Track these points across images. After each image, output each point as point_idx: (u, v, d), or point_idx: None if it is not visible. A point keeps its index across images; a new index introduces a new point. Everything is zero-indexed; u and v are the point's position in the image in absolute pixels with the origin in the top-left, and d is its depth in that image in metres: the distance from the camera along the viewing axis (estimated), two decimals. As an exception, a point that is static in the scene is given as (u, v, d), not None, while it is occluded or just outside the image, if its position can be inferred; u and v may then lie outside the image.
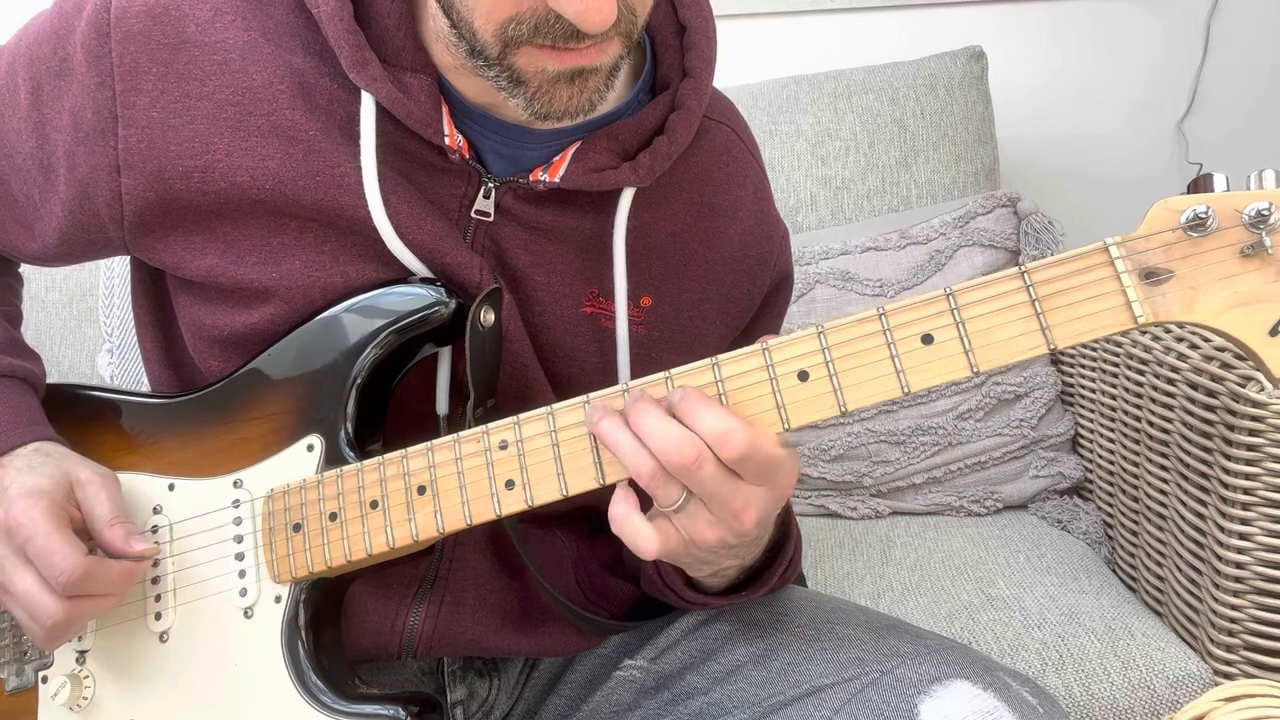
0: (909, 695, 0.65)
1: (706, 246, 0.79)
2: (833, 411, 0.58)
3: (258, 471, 0.71)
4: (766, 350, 0.59)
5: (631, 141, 0.73)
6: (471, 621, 0.77)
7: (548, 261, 0.74)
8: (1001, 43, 1.73)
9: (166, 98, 0.69)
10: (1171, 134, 1.88)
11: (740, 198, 0.81)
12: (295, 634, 0.68)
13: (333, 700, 0.66)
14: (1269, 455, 0.94)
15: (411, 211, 0.69)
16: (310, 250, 0.70)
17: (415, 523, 0.66)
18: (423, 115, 0.69)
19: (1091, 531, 1.29)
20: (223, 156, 0.69)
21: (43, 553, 0.65)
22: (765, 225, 0.83)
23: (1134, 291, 0.55)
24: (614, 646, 0.83)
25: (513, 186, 0.72)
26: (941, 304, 0.57)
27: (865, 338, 0.58)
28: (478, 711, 0.82)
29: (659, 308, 0.77)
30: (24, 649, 0.75)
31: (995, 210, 1.43)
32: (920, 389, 0.58)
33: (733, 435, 0.57)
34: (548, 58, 0.62)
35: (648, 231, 0.76)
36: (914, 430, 1.35)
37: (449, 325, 0.69)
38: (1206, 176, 0.57)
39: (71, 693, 0.71)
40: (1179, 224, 0.55)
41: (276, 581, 0.69)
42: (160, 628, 0.71)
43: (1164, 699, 0.98)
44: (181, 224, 0.71)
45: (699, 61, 0.75)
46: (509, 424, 0.64)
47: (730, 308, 0.81)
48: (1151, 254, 0.55)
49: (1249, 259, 0.54)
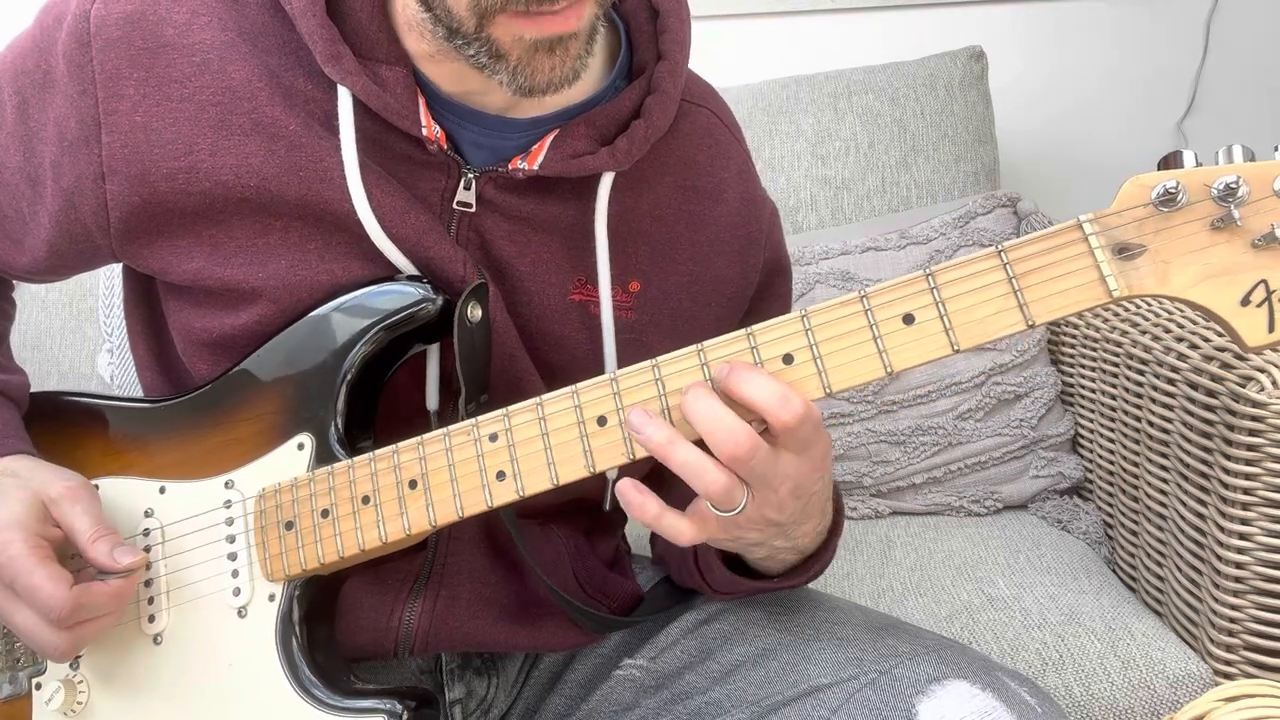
0: (907, 695, 0.65)
1: (692, 229, 0.79)
2: (817, 393, 0.59)
3: (249, 471, 0.71)
4: (750, 335, 0.60)
5: (609, 127, 0.73)
6: (467, 616, 0.77)
7: (533, 251, 0.74)
8: (1001, 43, 1.73)
9: (148, 102, 0.69)
10: (1171, 134, 1.88)
11: (724, 179, 0.81)
12: (290, 632, 0.68)
13: (328, 696, 0.66)
14: (1269, 455, 0.94)
15: (395, 205, 0.70)
16: (296, 249, 0.70)
17: (407, 516, 0.66)
18: (399, 107, 0.69)
19: (1091, 531, 1.29)
20: (206, 157, 0.69)
21: (28, 590, 0.65)
22: (751, 205, 0.83)
23: (1107, 266, 0.56)
24: (613, 646, 0.83)
25: (493, 176, 0.72)
26: (921, 284, 0.59)
27: (847, 318, 0.60)
28: (476, 710, 0.82)
29: (648, 292, 0.77)
30: (16, 656, 0.74)
31: (995, 210, 1.43)
32: (903, 368, 0.59)
33: (790, 399, 0.57)
34: (524, 25, 0.62)
35: (630, 216, 0.76)
36: (914, 430, 1.34)
37: (436, 322, 0.69)
38: (1176, 153, 0.58)
39: (66, 698, 0.71)
40: (1150, 199, 0.56)
41: (270, 580, 0.69)
42: (154, 630, 0.71)
43: (1164, 699, 0.98)
44: (167, 228, 0.71)
45: (673, 44, 0.76)
46: (498, 416, 0.64)
47: (724, 289, 0.81)
48: (1124, 229, 0.57)
49: (1219, 231, 0.56)
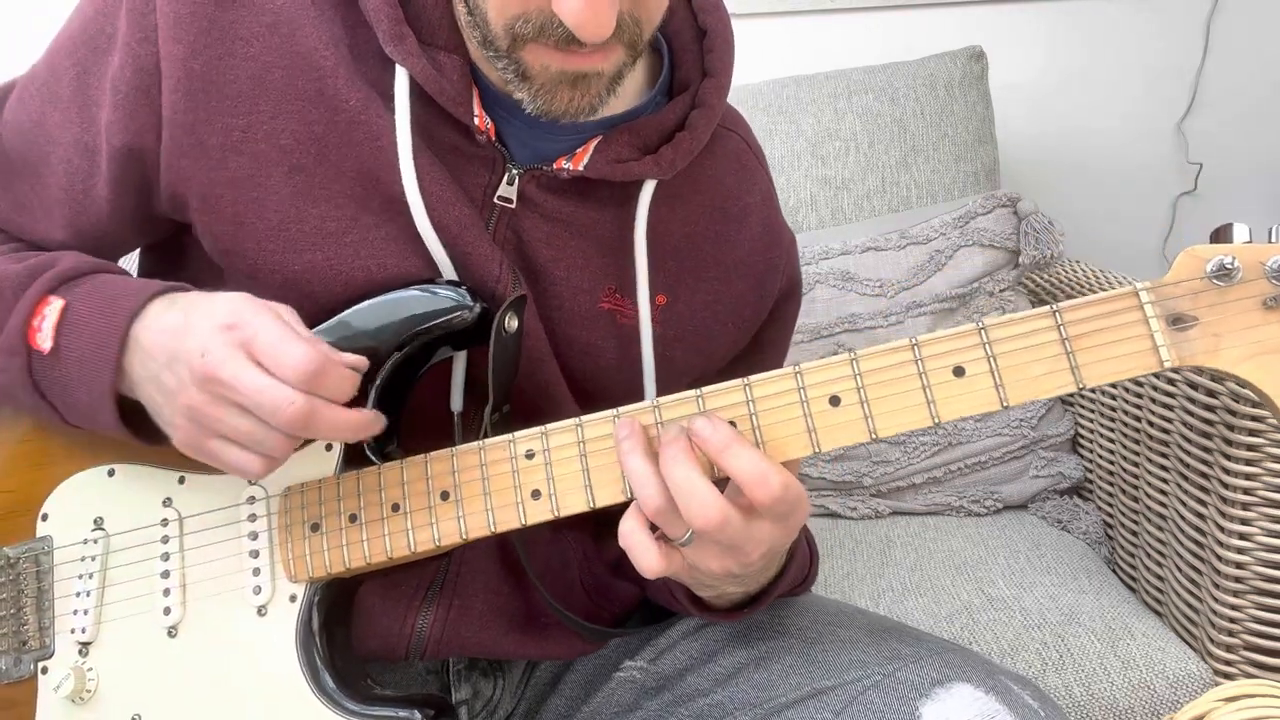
0: (910, 698, 0.65)
1: (719, 250, 0.80)
2: (863, 437, 0.59)
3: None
4: (799, 374, 0.60)
5: (652, 137, 0.74)
6: (479, 626, 0.77)
7: (568, 256, 0.74)
8: (1001, 43, 1.73)
9: (210, 53, 0.69)
10: (1171, 134, 1.88)
11: (749, 204, 0.82)
12: (310, 634, 0.68)
13: (349, 701, 0.66)
14: (1269, 455, 0.94)
15: (441, 193, 0.70)
16: (337, 234, 0.69)
17: (438, 528, 0.66)
18: (454, 93, 0.69)
19: (1091, 531, 1.29)
20: (266, 119, 0.69)
21: (270, 346, 0.58)
22: (774, 232, 0.84)
23: (1161, 336, 0.57)
24: (615, 647, 0.84)
25: (536, 174, 0.73)
26: (974, 337, 0.59)
27: (897, 366, 0.59)
28: (482, 711, 0.83)
29: (674, 307, 0.78)
30: (24, 638, 0.74)
31: (995, 210, 1.43)
32: (950, 419, 0.59)
33: (769, 479, 0.57)
34: (551, 57, 0.64)
35: (665, 230, 0.77)
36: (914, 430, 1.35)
37: (470, 330, 0.69)
38: (1227, 227, 0.59)
39: (75, 685, 0.70)
40: (1205, 273, 0.58)
41: (293, 581, 0.69)
42: (169, 622, 0.71)
43: (1164, 699, 0.98)
44: (211, 188, 0.69)
45: (719, 63, 0.77)
46: (536, 434, 0.64)
47: (742, 311, 0.81)
48: (1179, 301, 0.58)
49: (1272, 310, 0.57)
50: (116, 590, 0.72)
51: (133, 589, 0.72)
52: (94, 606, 0.72)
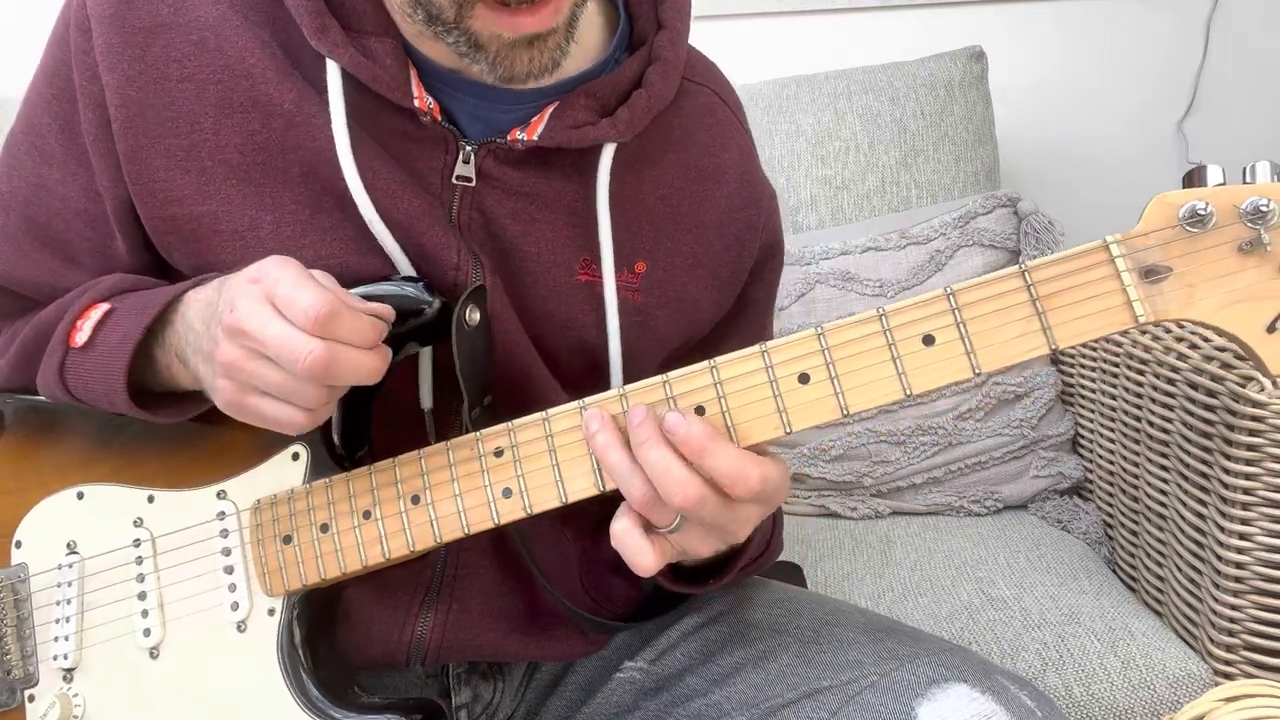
0: (906, 698, 0.65)
1: (695, 210, 0.78)
2: (834, 415, 0.58)
3: (241, 482, 0.69)
4: (765, 352, 0.58)
5: (609, 98, 0.72)
6: (479, 628, 0.76)
7: (537, 230, 0.72)
8: (1001, 43, 1.73)
9: (143, 79, 0.69)
10: (1171, 134, 1.88)
11: (725, 161, 0.80)
12: (292, 646, 0.67)
13: (335, 711, 0.66)
14: (1269, 455, 0.94)
15: (388, 184, 0.68)
16: (294, 239, 0.69)
17: (410, 533, 0.65)
18: (389, 78, 0.68)
19: (1091, 531, 1.29)
20: (210, 135, 0.68)
21: (289, 297, 0.58)
22: (752, 188, 0.81)
23: (1134, 290, 0.54)
24: (614, 648, 0.83)
25: (491, 148, 0.71)
26: (942, 304, 0.57)
27: (866, 338, 0.57)
28: (482, 714, 0.82)
29: (654, 273, 0.76)
30: (8, 668, 0.73)
31: (995, 210, 1.43)
32: (922, 391, 0.57)
33: (749, 476, 0.56)
34: (502, 23, 0.62)
35: (635, 194, 0.75)
36: (914, 430, 1.35)
37: (433, 324, 0.66)
38: (1200, 169, 0.56)
39: (61, 712, 0.69)
40: (1177, 219, 0.54)
41: (269, 595, 0.68)
42: (150, 643, 0.70)
43: (1164, 699, 0.98)
44: (165, 208, 0.70)
45: (673, 13, 0.75)
46: (503, 430, 0.63)
47: (721, 272, 0.79)
48: (1150, 251, 0.55)
49: (1247, 255, 0.54)
50: (95, 614, 0.71)
51: (111, 612, 0.71)
52: (74, 632, 0.71)
